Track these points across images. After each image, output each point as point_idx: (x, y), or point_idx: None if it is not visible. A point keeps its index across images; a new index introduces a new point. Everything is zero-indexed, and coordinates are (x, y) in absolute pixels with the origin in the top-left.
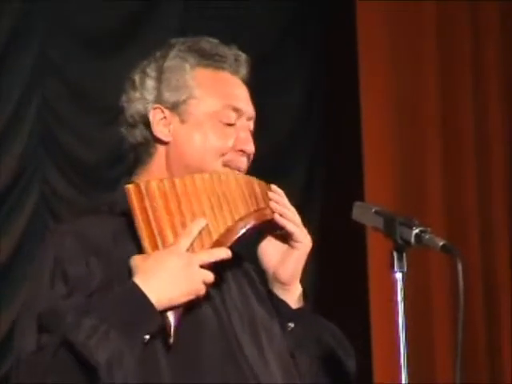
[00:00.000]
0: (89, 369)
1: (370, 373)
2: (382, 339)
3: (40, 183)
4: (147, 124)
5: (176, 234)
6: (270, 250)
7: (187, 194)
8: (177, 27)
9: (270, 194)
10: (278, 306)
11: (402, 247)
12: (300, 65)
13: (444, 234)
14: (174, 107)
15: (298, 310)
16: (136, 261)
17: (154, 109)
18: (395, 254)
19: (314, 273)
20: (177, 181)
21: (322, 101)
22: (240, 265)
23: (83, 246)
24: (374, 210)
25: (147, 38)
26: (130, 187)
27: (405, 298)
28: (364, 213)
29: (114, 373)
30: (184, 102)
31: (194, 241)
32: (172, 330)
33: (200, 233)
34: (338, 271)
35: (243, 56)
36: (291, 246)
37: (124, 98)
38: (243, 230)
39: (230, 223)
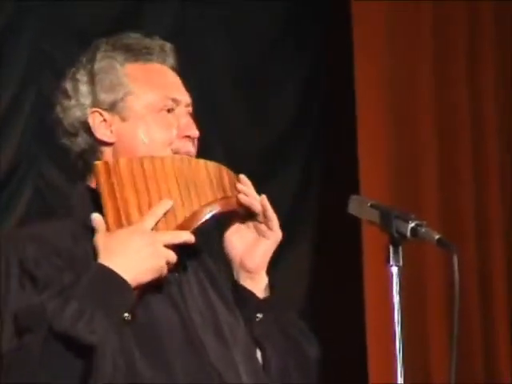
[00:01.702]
0: (79, 355)
1: (365, 367)
2: (377, 334)
3: (35, 177)
4: (88, 129)
5: (141, 213)
6: (236, 240)
7: (155, 174)
8: (173, 25)
9: (239, 186)
10: (245, 296)
11: (397, 241)
12: (297, 64)
13: (439, 230)
14: (112, 107)
15: (265, 300)
16: (99, 240)
17: (92, 113)
18: (391, 248)
19: (310, 269)
20: (145, 161)
21: (319, 99)
22: (201, 261)
23: (44, 248)
24: (369, 204)
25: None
26: (99, 163)
27: (401, 292)
28: (360, 206)
29: (106, 352)
30: (121, 99)
31: (158, 221)
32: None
33: (165, 214)
34: (333, 266)
35: (168, 45)
36: (262, 235)
37: (58, 108)
38: (208, 216)
39: (195, 207)
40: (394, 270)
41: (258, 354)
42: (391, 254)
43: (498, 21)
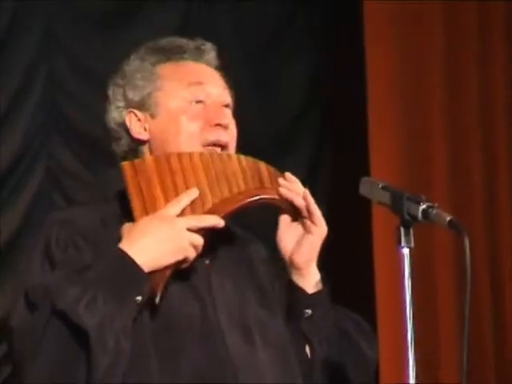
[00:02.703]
0: (80, 334)
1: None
2: (387, 316)
3: (46, 157)
4: (127, 131)
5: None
6: (285, 237)
7: (183, 169)
8: (182, 4)
9: (280, 180)
10: (294, 292)
11: (408, 223)
12: (308, 42)
13: (450, 212)
14: (142, 105)
15: (315, 294)
16: (125, 229)
17: (128, 113)
18: (402, 230)
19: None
20: (172, 157)
21: (329, 78)
22: (242, 254)
23: (70, 231)
24: (380, 186)
25: (153, 14)
26: (125, 164)
27: (412, 274)
28: (371, 188)
29: (106, 336)
30: (148, 96)
31: (184, 209)
32: (159, 290)
33: (193, 202)
34: (343, 247)
35: (208, 44)
36: (307, 231)
37: (106, 115)
38: (242, 203)
39: (226, 195)
40: (406, 251)
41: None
42: (402, 236)
43: (509, 21)
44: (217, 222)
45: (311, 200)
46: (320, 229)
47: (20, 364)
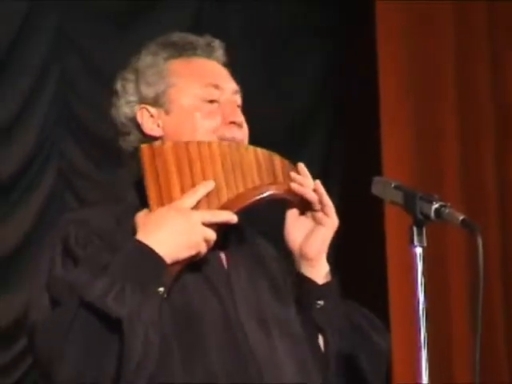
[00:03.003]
0: (109, 327)
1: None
2: (400, 315)
3: (58, 158)
4: (138, 126)
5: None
6: (294, 230)
7: (200, 158)
8: (193, 7)
9: (292, 174)
10: (305, 284)
11: (421, 222)
12: (320, 41)
13: (461, 211)
14: (156, 101)
15: (325, 285)
16: (140, 219)
17: (140, 109)
18: (415, 229)
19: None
20: (191, 145)
21: (342, 77)
22: (254, 249)
23: (86, 231)
24: (393, 185)
25: (164, 13)
26: (144, 146)
27: (424, 273)
28: (383, 187)
29: (136, 327)
30: (163, 93)
31: (200, 201)
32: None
33: (208, 195)
34: (356, 246)
35: (216, 41)
36: (319, 223)
37: (112, 110)
38: (256, 198)
39: (241, 190)
40: (418, 250)
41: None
42: (415, 235)
43: None
44: (230, 217)
45: (323, 191)
46: (332, 220)
47: (48, 360)
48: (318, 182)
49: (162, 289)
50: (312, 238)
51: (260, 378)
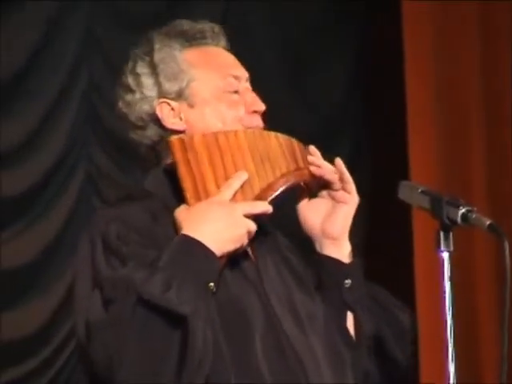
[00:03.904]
0: (169, 324)
1: (416, 348)
2: (427, 318)
3: (85, 162)
4: (157, 121)
5: (218, 187)
6: (311, 214)
7: (230, 148)
8: (219, 7)
9: (310, 158)
10: (331, 264)
11: (448, 226)
12: (347, 41)
13: (488, 216)
14: (179, 95)
15: (351, 264)
16: (180, 214)
17: (160, 104)
18: (441, 234)
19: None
20: (220, 135)
21: (368, 79)
22: (275, 243)
23: (128, 228)
24: (420, 190)
25: (190, 14)
26: (174, 140)
27: (451, 277)
28: (410, 192)
29: (197, 323)
30: (186, 86)
31: (236, 193)
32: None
33: (242, 186)
34: (383, 252)
35: (217, 27)
36: (341, 201)
37: (121, 104)
38: (284, 187)
39: (271, 179)
40: (445, 255)
41: (349, 321)
42: (442, 240)
43: None
44: (267, 208)
45: (344, 169)
46: (353, 197)
47: (107, 360)
48: (338, 159)
49: (212, 284)
50: (334, 216)
51: (305, 377)
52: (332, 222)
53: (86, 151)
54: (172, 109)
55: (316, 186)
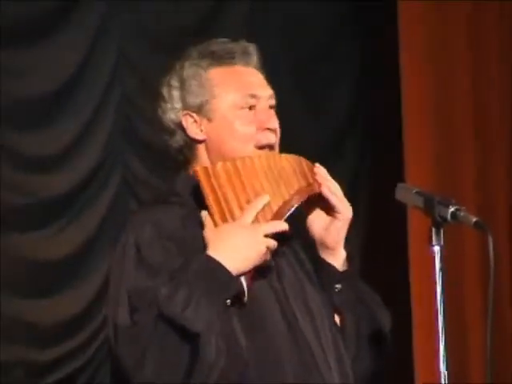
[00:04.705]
0: (185, 337)
1: (409, 336)
2: (421, 305)
3: (121, 167)
4: (183, 129)
5: (241, 208)
6: (315, 221)
7: (248, 172)
8: (242, 25)
9: (316, 170)
10: (326, 268)
11: (439, 223)
12: (350, 62)
13: (475, 214)
14: (200, 109)
15: (344, 272)
16: (208, 234)
17: (184, 115)
18: (433, 230)
19: (361, 248)
20: (238, 162)
21: (368, 97)
22: (290, 246)
23: (160, 232)
24: (414, 191)
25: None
26: (199, 169)
27: (443, 269)
28: (406, 193)
29: (210, 338)
30: (207, 102)
31: (258, 213)
32: (246, 290)
33: (263, 207)
34: (382, 246)
35: (251, 47)
36: (334, 217)
37: (159, 110)
38: (298, 203)
39: (286, 197)
40: (437, 249)
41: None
42: (434, 235)
43: None
44: (284, 227)
45: (335, 190)
46: (345, 214)
47: (128, 366)
48: (332, 182)
49: (229, 301)
50: (329, 229)
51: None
52: (327, 234)
53: (121, 158)
54: (195, 121)
55: (320, 199)
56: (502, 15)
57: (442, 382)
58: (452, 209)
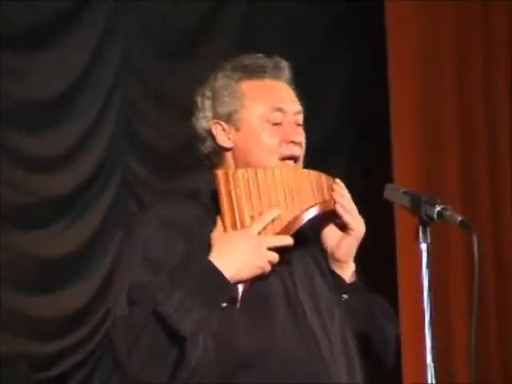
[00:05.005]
0: (174, 334)
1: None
2: (409, 299)
3: (122, 169)
4: (213, 137)
5: (252, 218)
6: (329, 235)
7: (266, 183)
8: (240, 27)
9: (335, 187)
10: (336, 280)
11: (426, 222)
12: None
13: (460, 213)
14: (229, 119)
15: (352, 283)
16: (216, 238)
17: (214, 124)
18: (420, 228)
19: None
20: (259, 171)
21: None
22: (306, 245)
23: (168, 229)
24: (402, 191)
25: (215, 40)
26: (219, 172)
27: (429, 266)
28: (394, 193)
29: (198, 339)
30: (236, 112)
31: (266, 225)
32: (239, 298)
33: (273, 219)
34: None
35: (283, 62)
36: (346, 233)
37: (193, 118)
38: (307, 219)
39: (297, 212)
40: (423, 246)
41: None
42: (420, 233)
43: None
44: (290, 242)
45: (354, 208)
46: (358, 232)
47: (120, 353)
48: (349, 199)
49: (225, 304)
50: (340, 244)
51: (326, 370)
52: (339, 248)
53: (122, 159)
54: (223, 129)
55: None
56: (488, 15)
57: (429, 373)
58: (438, 208)
